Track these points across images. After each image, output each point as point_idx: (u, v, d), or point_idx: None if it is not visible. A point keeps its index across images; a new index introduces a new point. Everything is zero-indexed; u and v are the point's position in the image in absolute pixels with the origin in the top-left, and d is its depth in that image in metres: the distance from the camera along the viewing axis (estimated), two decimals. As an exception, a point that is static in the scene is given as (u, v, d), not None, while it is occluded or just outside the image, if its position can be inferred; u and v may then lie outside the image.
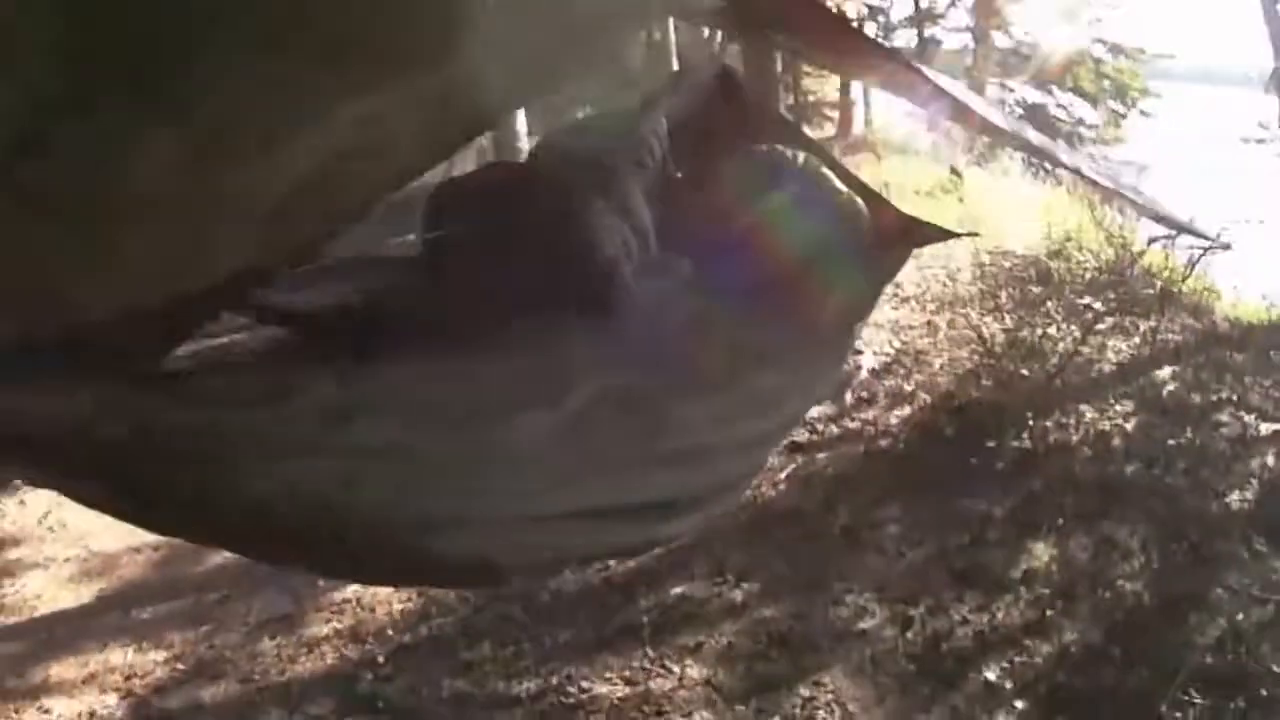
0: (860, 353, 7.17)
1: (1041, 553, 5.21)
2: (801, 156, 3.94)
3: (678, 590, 5.16)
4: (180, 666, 4.86)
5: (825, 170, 3.87)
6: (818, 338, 3.30)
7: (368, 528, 2.11)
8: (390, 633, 5.03)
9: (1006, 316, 6.82)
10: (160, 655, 4.94)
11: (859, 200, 3.95)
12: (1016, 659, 4.59)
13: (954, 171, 10.51)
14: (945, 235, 4.14)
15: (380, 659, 4.83)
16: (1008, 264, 8.51)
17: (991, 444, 6.06)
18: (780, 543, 5.45)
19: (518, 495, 2.39)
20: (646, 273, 3.03)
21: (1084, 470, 5.83)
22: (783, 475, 6.04)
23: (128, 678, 4.78)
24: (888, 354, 7.35)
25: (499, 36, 2.03)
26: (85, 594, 5.43)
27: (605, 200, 3.05)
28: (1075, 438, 6.14)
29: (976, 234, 4.67)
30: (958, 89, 3.75)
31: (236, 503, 1.91)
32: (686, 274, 3.19)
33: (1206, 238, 4.67)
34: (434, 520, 2.25)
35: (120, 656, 4.93)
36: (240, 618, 5.18)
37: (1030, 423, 6.20)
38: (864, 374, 7.09)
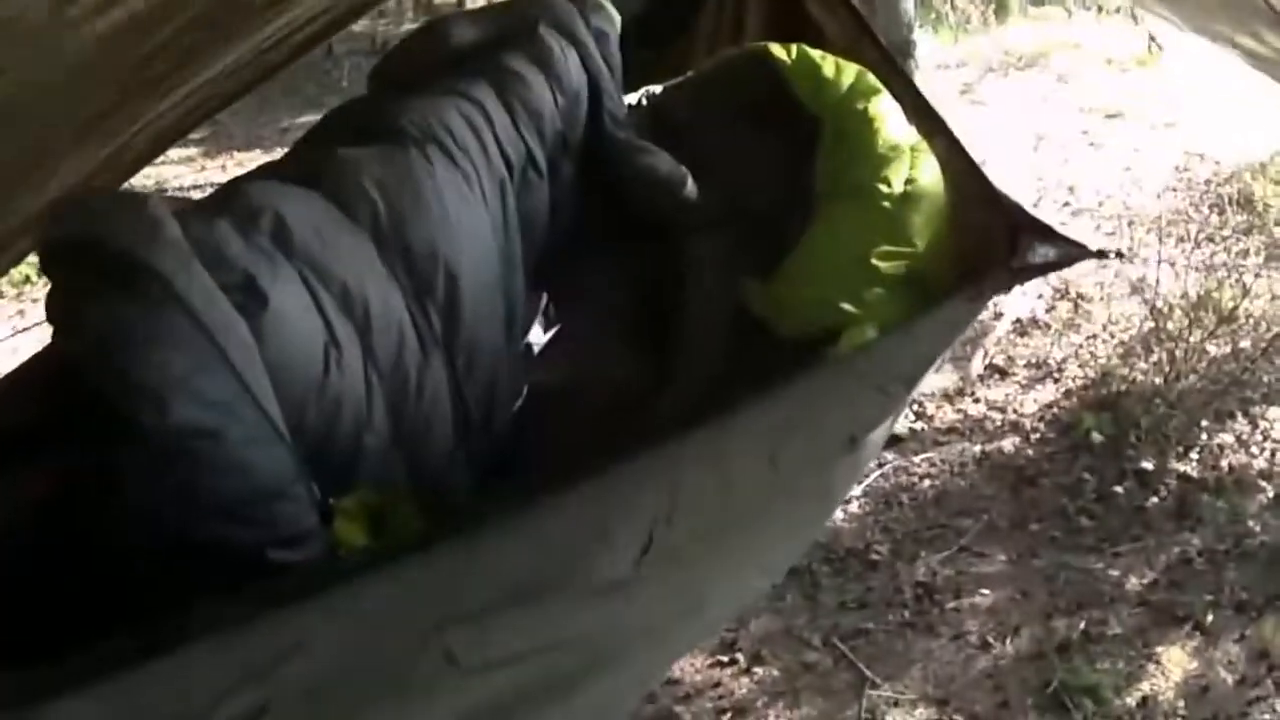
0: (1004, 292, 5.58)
1: (1173, 665, 3.79)
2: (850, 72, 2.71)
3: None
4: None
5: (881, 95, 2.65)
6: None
7: None
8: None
9: (1193, 254, 5.07)
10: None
11: (934, 168, 2.59)
12: None
13: (1153, 40, 8.27)
14: (1078, 255, 2.63)
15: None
16: (1206, 174, 6.60)
17: (1148, 465, 4.53)
18: (826, 606, 4.18)
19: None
20: None
21: (1260, 521, 4.27)
22: (860, 489, 4.69)
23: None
24: (1041, 296, 5.71)
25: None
26: None
27: None
28: (1257, 464, 4.53)
29: (1122, 255, 3.09)
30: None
31: None
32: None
33: None
34: None
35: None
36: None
37: (1203, 435, 4.62)
38: (1005, 329, 5.53)
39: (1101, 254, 2.83)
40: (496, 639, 1.61)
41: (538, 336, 2.51)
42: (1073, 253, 2.56)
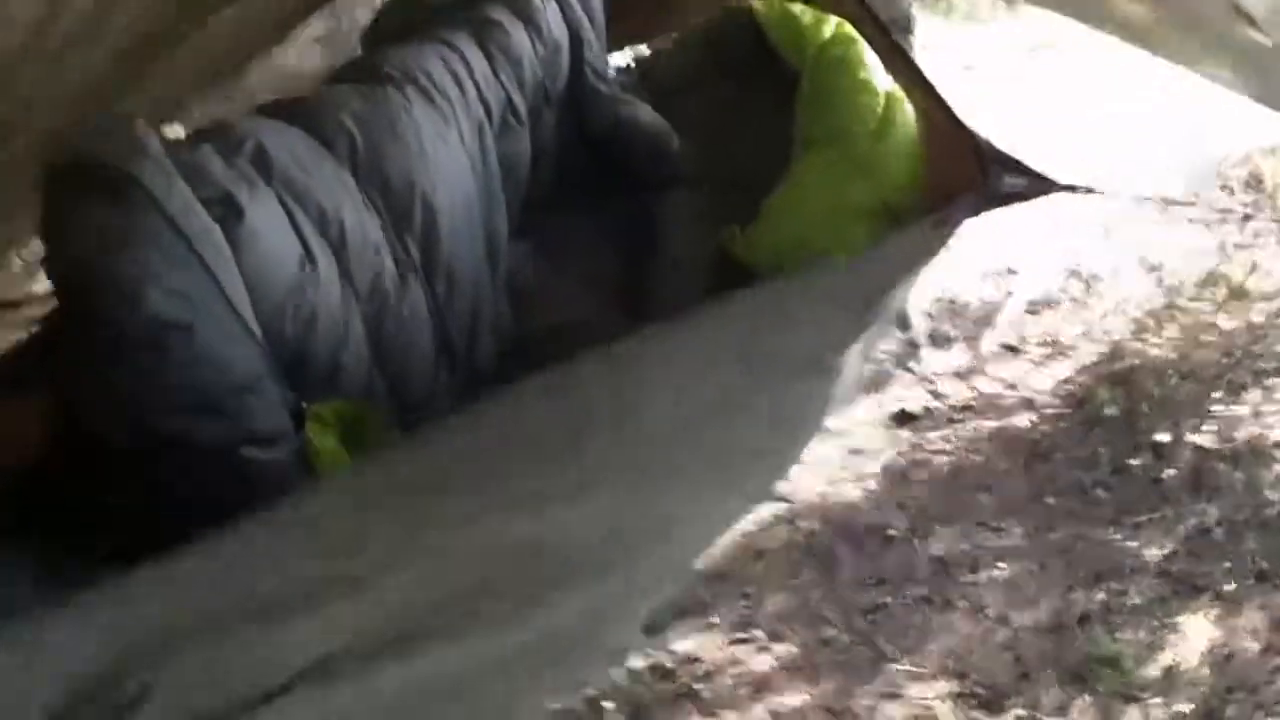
0: (1014, 272, 5.58)
1: (1196, 636, 3.76)
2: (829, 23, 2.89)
3: (683, 646, 3.91)
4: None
5: (858, 44, 2.79)
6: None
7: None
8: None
9: (1203, 232, 5.07)
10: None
11: (908, 111, 2.63)
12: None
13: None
14: (1047, 187, 2.68)
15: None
16: (1216, 155, 6.49)
17: (1163, 437, 4.51)
18: (843, 583, 4.15)
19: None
20: None
21: (1278, 491, 4.25)
22: (876, 466, 4.67)
23: None
24: (1052, 276, 5.67)
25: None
26: None
27: None
28: (1273, 434, 4.51)
29: (1092, 190, 3.07)
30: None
31: None
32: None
33: None
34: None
35: None
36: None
37: (1212, 408, 4.61)
38: (1018, 306, 5.51)
39: (1072, 188, 2.85)
40: (419, 544, 1.55)
41: (527, 284, 2.54)
42: (1042, 185, 2.61)
